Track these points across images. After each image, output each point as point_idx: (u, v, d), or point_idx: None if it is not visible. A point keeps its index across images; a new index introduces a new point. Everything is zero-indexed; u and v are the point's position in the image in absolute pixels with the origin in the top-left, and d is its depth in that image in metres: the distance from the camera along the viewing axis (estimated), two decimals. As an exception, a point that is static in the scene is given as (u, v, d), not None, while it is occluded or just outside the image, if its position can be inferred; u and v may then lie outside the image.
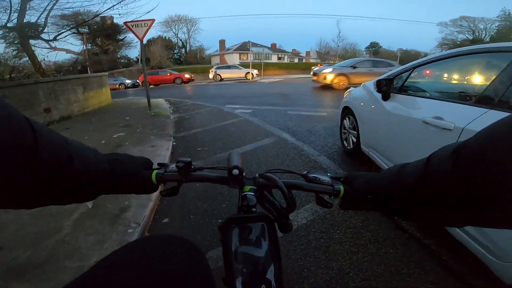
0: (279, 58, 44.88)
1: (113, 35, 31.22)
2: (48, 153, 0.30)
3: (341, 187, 0.48)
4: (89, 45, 30.25)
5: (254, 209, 0.45)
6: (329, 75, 10.68)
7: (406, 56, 48.52)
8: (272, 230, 0.44)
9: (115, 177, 0.44)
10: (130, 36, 33.48)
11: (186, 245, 0.40)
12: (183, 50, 43.21)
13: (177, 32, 42.76)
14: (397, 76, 2.28)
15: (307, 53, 55.17)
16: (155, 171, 0.50)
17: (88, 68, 25.96)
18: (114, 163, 0.45)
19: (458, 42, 45.66)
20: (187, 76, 20.69)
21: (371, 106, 2.55)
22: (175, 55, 43.44)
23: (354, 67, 10.65)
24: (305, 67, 32.01)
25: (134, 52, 36.44)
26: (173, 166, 0.51)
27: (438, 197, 0.31)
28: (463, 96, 1.75)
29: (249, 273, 0.41)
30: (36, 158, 0.29)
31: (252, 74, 20.63)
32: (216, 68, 21.66)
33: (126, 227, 1.86)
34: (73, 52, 30.51)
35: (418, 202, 0.34)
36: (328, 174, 0.52)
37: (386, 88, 2.23)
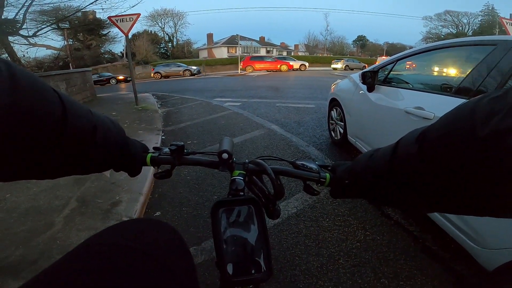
0: (267, 52, 44.62)
1: (95, 30, 30.11)
2: (75, 124, 0.31)
3: (327, 175, 0.49)
4: (71, 40, 29.13)
5: (242, 193, 0.46)
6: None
7: (392, 49, 49.48)
8: (259, 213, 0.44)
9: (126, 153, 0.46)
10: (114, 30, 32.37)
11: (162, 226, 0.40)
12: (170, 44, 42.21)
13: (163, 26, 41.73)
14: (381, 68, 2.35)
15: (296, 46, 55.35)
16: (149, 154, 0.52)
17: (70, 64, 25.02)
18: (129, 140, 0.47)
19: (442, 36, 46.89)
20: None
21: (357, 97, 2.62)
22: (162, 49, 42.47)
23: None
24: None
25: (118, 47, 35.27)
26: (167, 150, 0.52)
27: (405, 181, 0.31)
28: (443, 88, 1.81)
29: (239, 256, 0.42)
30: (65, 129, 0.30)
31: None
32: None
33: (118, 221, 1.86)
34: (54, 48, 29.37)
35: (388, 186, 0.34)
36: (316, 163, 0.52)
37: (370, 80, 2.29)
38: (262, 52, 43.70)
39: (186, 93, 9.02)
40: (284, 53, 46.17)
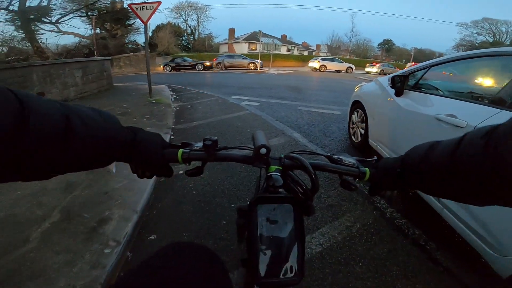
0: (288, 50, 43.92)
1: (122, 20, 30.59)
2: (39, 121, 0.29)
3: (367, 169, 0.48)
4: (98, 29, 29.83)
5: (280, 190, 0.45)
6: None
7: (420, 54, 48.31)
8: (298, 212, 0.44)
9: (136, 146, 0.44)
10: (139, 21, 32.74)
11: (203, 251, 0.41)
12: (192, 37, 42.37)
13: (186, 18, 41.91)
14: (411, 74, 2.31)
15: (317, 46, 54.71)
16: (180, 150, 0.49)
17: (95, 52, 25.57)
18: (137, 131, 0.45)
19: (476, 44, 45.25)
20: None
21: (383, 101, 2.57)
22: (184, 41, 42.71)
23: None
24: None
25: (142, 38, 35.81)
26: (198, 145, 0.51)
27: (467, 175, 0.32)
28: (476, 97, 1.76)
29: (272, 256, 0.41)
30: (26, 127, 0.27)
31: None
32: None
33: (103, 245, 1.52)
34: (81, 36, 30.23)
35: (447, 179, 0.35)
36: (354, 157, 0.51)
37: (400, 84, 2.25)
38: (283, 50, 42.99)
39: (203, 87, 8.72)
40: (305, 53, 45.41)
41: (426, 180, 0.39)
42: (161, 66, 21.28)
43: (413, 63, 27.72)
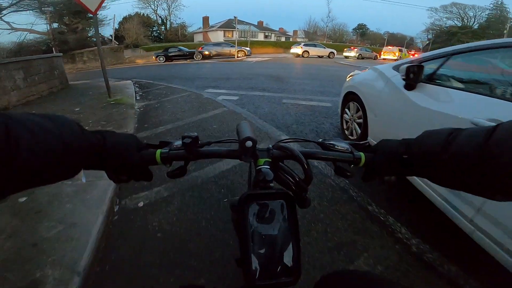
0: (265, 37, 42.73)
1: (81, 13, 28.10)
2: None
3: (362, 154, 0.46)
4: (56, 24, 27.32)
5: (271, 184, 0.42)
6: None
7: (392, 38, 49.37)
8: (291, 208, 0.41)
9: (107, 151, 0.40)
10: (102, 13, 30.43)
11: None
12: (163, 27, 39.83)
13: (156, 8, 39.05)
14: (425, 62, 1.93)
15: (295, 32, 54.25)
16: (158, 150, 0.45)
17: (53, 49, 23.25)
18: (106, 135, 0.41)
19: (445, 28, 47.32)
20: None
21: (389, 95, 2.17)
22: (155, 32, 40.15)
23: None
24: (291, 46, 30.33)
25: (107, 30, 33.06)
26: (178, 143, 0.46)
27: (499, 169, 0.29)
28: None
29: (265, 255, 0.39)
30: None
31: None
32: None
33: None
34: (37, 32, 27.53)
35: (475, 171, 0.32)
36: (347, 141, 0.49)
37: (414, 76, 1.84)
38: (260, 37, 41.75)
39: (174, 81, 7.75)
40: (283, 39, 44.51)
41: (446, 170, 0.36)
42: (153, 57, 19.72)
43: (390, 46, 27.91)
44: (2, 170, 0.26)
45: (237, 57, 17.89)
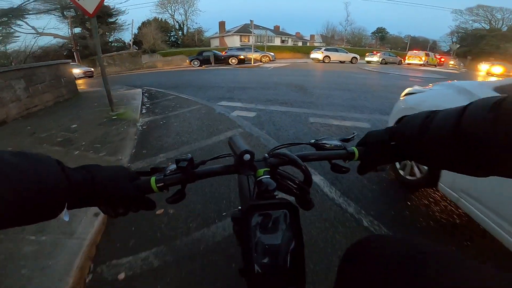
0: (282, 41, 42.07)
1: (102, 18, 28.78)
2: None
3: (355, 148, 0.48)
4: (79, 29, 28.12)
5: (275, 194, 0.42)
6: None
7: (413, 42, 47.56)
8: (295, 217, 0.41)
9: (97, 187, 0.38)
10: (121, 18, 31.15)
11: None
12: (180, 32, 40.22)
13: (173, 13, 39.57)
14: None
15: (311, 36, 53.34)
16: (153, 177, 0.44)
17: (74, 53, 23.79)
18: (93, 169, 0.39)
19: (470, 31, 45.71)
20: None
21: None
22: (172, 37, 40.62)
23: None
24: (310, 51, 29.35)
25: (127, 35, 33.69)
26: (172, 167, 0.45)
27: (473, 147, 0.31)
28: None
29: (269, 265, 0.39)
30: None
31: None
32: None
33: None
34: (61, 37, 28.43)
35: (450, 150, 0.34)
36: (337, 138, 0.51)
37: None
38: (277, 41, 41.18)
39: (186, 90, 7.18)
40: (300, 44, 43.69)
41: (426, 151, 0.38)
42: (187, 61, 19.39)
43: (416, 50, 26.25)
44: None
45: (254, 62, 17.06)
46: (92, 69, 18.55)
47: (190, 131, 3.62)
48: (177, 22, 40.16)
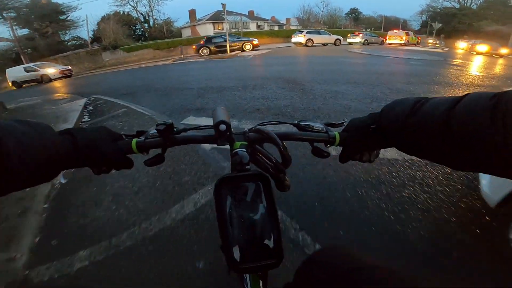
0: (258, 26, 39.88)
1: (50, 16, 25.29)
2: None
3: (336, 133, 0.47)
4: (26, 30, 24.70)
5: (247, 167, 0.42)
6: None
7: (386, 22, 48.12)
8: (268, 189, 0.40)
9: (81, 149, 0.40)
10: (74, 14, 27.70)
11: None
12: (146, 25, 36.73)
13: (135, 5, 35.74)
14: None
15: (287, 20, 51.44)
16: (134, 139, 0.46)
17: (22, 57, 20.62)
18: (76, 133, 0.41)
19: (439, 10, 45.77)
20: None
21: None
22: (138, 31, 37.15)
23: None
24: (289, 35, 27.53)
25: (83, 33, 30.06)
26: (153, 131, 0.46)
27: (466, 139, 0.29)
28: None
29: (246, 239, 0.38)
30: None
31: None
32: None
33: None
34: (7, 40, 24.89)
35: (440, 139, 0.31)
36: (322, 122, 0.50)
37: None
38: (253, 27, 38.94)
39: (145, 97, 5.44)
40: (276, 28, 41.74)
41: (413, 138, 0.35)
42: (193, 46, 16.83)
43: (396, 29, 25.19)
44: None
45: (230, 51, 14.97)
46: (70, 67, 15.91)
47: (136, 191, 2.02)
48: (141, 14, 36.53)
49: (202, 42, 16.82)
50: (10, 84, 15.27)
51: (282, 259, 0.38)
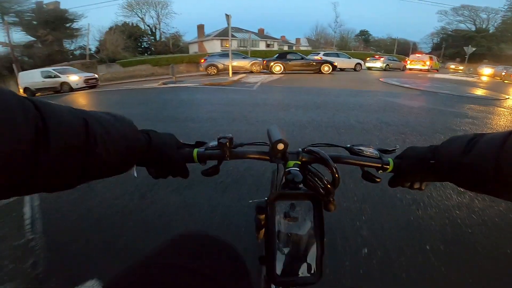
0: (267, 46, 38.62)
1: (54, 23, 24.19)
2: (61, 130, 0.26)
3: (390, 160, 0.47)
4: (30, 36, 23.61)
5: (300, 186, 0.43)
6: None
7: (393, 43, 46.97)
8: (319, 209, 0.42)
9: (152, 149, 0.43)
10: (80, 23, 26.62)
11: (221, 244, 0.40)
12: (153, 38, 35.74)
13: (143, 16, 34.96)
14: None
15: (297, 40, 50.47)
16: (195, 149, 0.48)
17: (14, 65, 19.11)
18: (151, 133, 0.44)
19: (450, 32, 45.83)
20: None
21: None
22: (145, 43, 36.17)
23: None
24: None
25: (94, 42, 28.89)
26: (214, 143, 0.49)
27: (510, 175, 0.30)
28: None
29: (290, 253, 0.40)
30: (48, 138, 0.25)
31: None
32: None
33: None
34: (4, 44, 23.62)
35: (489, 176, 0.33)
36: (375, 147, 0.50)
37: None
38: (262, 46, 37.68)
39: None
40: (285, 47, 40.39)
41: (467, 176, 0.37)
42: (263, 62, 14.63)
43: (419, 53, 23.26)
44: (81, 161, 0.29)
45: (233, 75, 12.15)
46: (96, 75, 13.65)
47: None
48: (148, 26, 35.62)
49: (203, 60, 14.96)
50: (21, 90, 12.81)
51: (320, 277, 0.39)
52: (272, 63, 14.14)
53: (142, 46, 35.59)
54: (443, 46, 44.13)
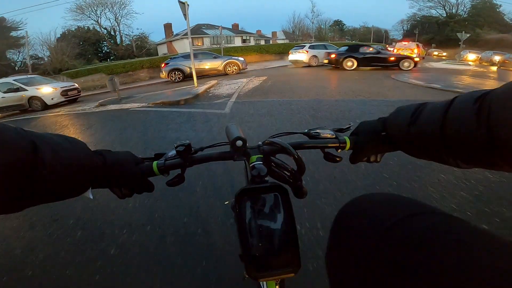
0: (243, 41, 35.95)
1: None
2: (5, 150, 0.26)
3: (346, 138, 0.48)
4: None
5: (266, 179, 0.43)
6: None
7: (368, 33, 46.99)
8: (286, 200, 0.41)
9: (108, 169, 0.42)
10: (16, 32, 22.84)
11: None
12: (112, 41, 31.87)
13: (98, 19, 30.75)
14: None
15: (273, 33, 48.61)
16: (155, 162, 0.47)
17: None
18: (105, 154, 0.43)
19: (418, 19, 45.63)
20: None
21: None
22: (105, 47, 32.31)
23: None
24: (281, 50, 23.21)
25: (36, 51, 24.82)
26: (172, 153, 0.48)
27: (458, 141, 0.31)
28: None
29: (265, 248, 0.39)
30: None
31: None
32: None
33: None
34: None
35: (437, 142, 0.34)
36: (331, 128, 0.51)
37: None
38: (237, 42, 34.99)
39: None
40: (262, 42, 37.97)
41: (414, 143, 0.38)
42: (325, 60, 12.37)
43: (406, 41, 21.53)
44: (25, 183, 0.28)
45: (197, 82, 8.97)
46: (76, 85, 10.29)
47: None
48: (105, 29, 31.50)
49: (163, 65, 12.16)
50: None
51: (299, 267, 0.39)
52: (342, 58, 11.57)
53: (103, 51, 31.76)
54: (416, 32, 43.49)
